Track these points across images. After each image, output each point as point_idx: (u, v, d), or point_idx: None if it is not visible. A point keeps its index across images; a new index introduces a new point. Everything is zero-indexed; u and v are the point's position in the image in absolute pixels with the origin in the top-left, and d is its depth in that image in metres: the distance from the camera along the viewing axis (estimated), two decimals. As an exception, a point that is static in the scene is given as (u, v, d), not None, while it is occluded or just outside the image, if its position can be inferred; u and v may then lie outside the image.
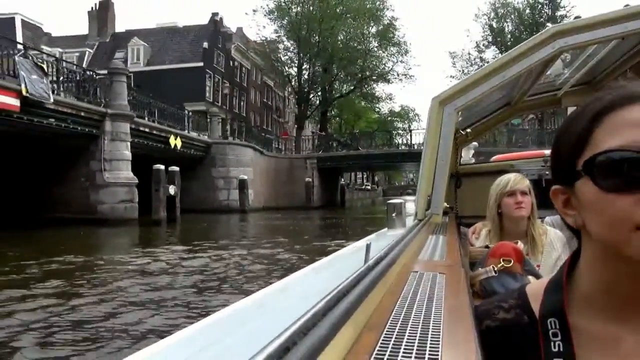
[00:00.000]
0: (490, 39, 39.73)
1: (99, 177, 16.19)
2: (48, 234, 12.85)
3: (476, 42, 40.49)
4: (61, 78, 15.15)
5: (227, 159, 24.20)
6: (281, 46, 40.28)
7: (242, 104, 42.91)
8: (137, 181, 16.62)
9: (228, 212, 23.09)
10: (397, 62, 41.07)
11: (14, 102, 12.46)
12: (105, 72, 17.74)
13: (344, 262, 1.52)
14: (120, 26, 42.22)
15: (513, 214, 1.89)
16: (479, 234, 2.11)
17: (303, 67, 39.22)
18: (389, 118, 50.94)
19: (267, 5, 38.37)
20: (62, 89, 14.91)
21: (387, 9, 40.34)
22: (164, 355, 0.68)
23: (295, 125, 50.82)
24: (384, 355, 0.49)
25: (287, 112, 54.03)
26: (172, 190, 16.51)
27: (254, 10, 47.21)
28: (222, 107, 37.39)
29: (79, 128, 15.36)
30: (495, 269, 1.28)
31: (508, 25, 39.75)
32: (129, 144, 16.84)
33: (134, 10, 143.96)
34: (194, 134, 23.14)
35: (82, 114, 15.30)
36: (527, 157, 3.84)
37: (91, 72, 17.10)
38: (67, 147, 16.14)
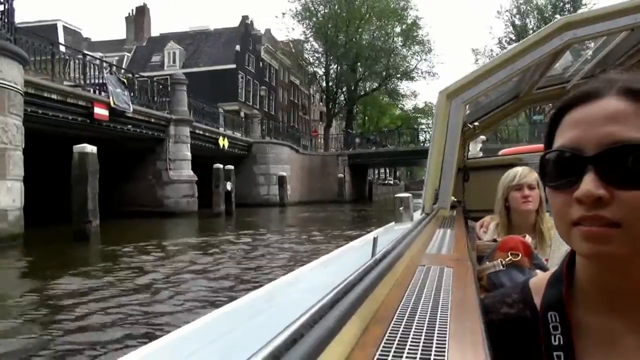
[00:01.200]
0: (512, 36, 41.13)
1: (165, 175, 18.72)
2: (132, 223, 15.35)
3: (498, 39, 42.13)
4: (135, 89, 17.60)
5: (267, 157, 26.62)
6: (308, 46, 42.70)
7: (271, 102, 45.30)
8: (196, 178, 19.10)
9: (268, 205, 25.47)
10: (420, 60, 43.14)
11: (105, 112, 14.97)
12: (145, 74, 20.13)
13: (352, 255, 1.55)
14: (153, 30, 44.98)
15: (520, 208, 1.91)
16: (487, 227, 2.12)
17: (330, 67, 41.48)
18: (413, 114, 52.79)
19: (296, 8, 40.66)
20: (136, 98, 17.35)
21: (411, 8, 42.32)
22: (173, 347, 0.70)
23: (320, 122, 53.48)
24: (391, 348, 0.50)
25: (312, 109, 56.34)
26: (228, 186, 18.97)
27: (283, 13, 50.53)
28: (254, 107, 39.93)
29: (150, 132, 17.89)
30: (503, 262, 1.28)
31: (530, 22, 41.18)
32: (189, 145, 19.34)
33: (165, 14, 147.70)
34: (237, 135, 25.58)
35: (152, 120, 17.84)
36: (536, 150, 3.86)
37: (158, 83, 19.53)
38: (137, 149, 18.68)
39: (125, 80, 16.21)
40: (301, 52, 42.94)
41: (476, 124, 3.00)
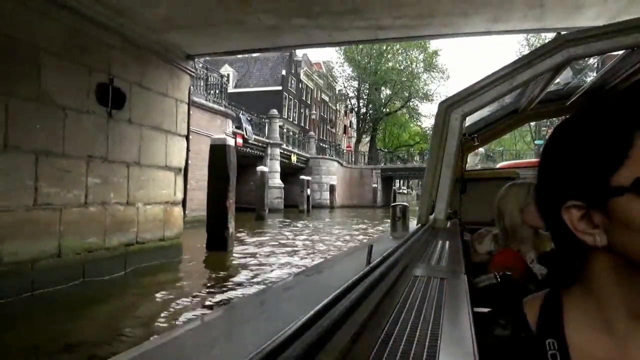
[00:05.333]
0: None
1: (263, 182, 27.81)
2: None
3: (510, 69, 51.25)
4: (252, 123, 26.83)
5: (320, 169, 35.87)
6: (341, 69, 52.15)
7: (307, 118, 54.59)
8: (283, 185, 28.18)
9: (320, 207, 34.57)
10: (439, 85, 52.54)
11: (240, 140, 24.16)
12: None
13: (346, 263, 1.58)
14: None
15: (536, 224, 1.88)
16: (483, 239, 2.18)
17: (361, 91, 50.82)
18: (430, 132, 61.77)
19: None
20: (253, 128, 26.58)
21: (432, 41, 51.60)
22: (162, 352, 0.69)
23: (345, 134, 62.81)
24: (382, 357, 0.53)
25: (337, 123, 65.60)
26: (308, 191, 28.10)
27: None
28: (294, 123, 49.22)
29: (257, 152, 27.09)
30: (498, 276, 1.32)
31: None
32: (279, 161, 28.51)
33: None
34: (300, 152, 34.86)
35: (260, 144, 27.04)
36: (532, 164, 4.28)
37: (263, 118, 28.85)
38: (243, 163, 27.84)
39: (250, 118, 25.40)
40: (334, 76, 52.25)
41: (475, 136, 3.10)
